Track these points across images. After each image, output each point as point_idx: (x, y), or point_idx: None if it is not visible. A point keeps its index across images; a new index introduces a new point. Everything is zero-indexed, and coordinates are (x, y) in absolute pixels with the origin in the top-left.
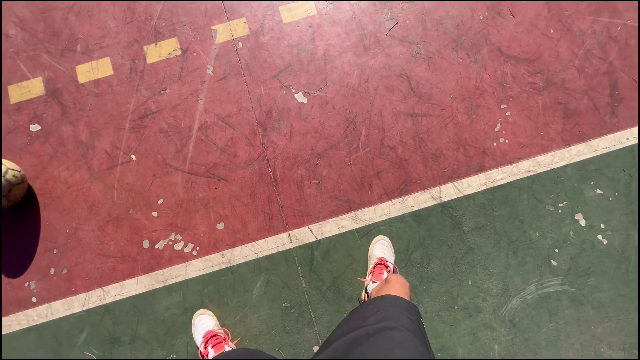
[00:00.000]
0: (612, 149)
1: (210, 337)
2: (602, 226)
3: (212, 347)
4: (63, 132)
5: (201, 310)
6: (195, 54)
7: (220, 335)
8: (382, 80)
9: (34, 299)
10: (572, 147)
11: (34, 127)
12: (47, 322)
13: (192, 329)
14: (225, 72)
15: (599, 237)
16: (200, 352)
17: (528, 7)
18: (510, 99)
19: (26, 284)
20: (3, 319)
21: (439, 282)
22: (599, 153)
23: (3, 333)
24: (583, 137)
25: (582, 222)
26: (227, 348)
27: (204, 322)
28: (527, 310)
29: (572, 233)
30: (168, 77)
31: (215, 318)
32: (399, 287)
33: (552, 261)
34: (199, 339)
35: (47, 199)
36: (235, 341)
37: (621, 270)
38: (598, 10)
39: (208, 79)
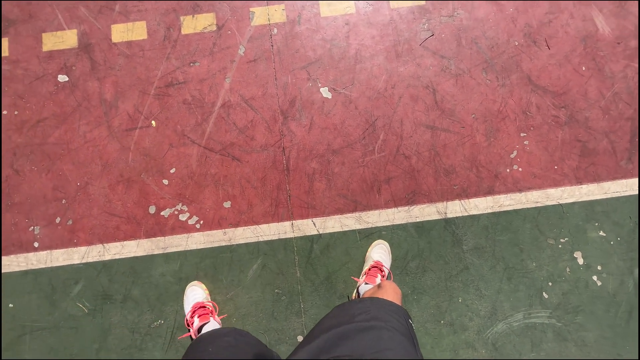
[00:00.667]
0: (623, 194)
1: (198, 308)
2: (599, 268)
3: (198, 317)
4: (89, 87)
5: (194, 282)
6: (229, 32)
7: (208, 308)
8: (408, 88)
9: (36, 244)
10: (584, 186)
11: (62, 78)
12: (45, 269)
13: (184, 298)
14: (256, 55)
15: (594, 277)
16: (187, 320)
17: (565, 41)
18: (531, 128)
19: (31, 228)
20: (3, 258)
21: (430, 294)
22: (608, 196)
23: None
24: (596, 178)
25: (580, 261)
26: (212, 320)
27: (195, 293)
28: (511, 336)
29: (568, 269)
30: (200, 50)
31: (207, 292)
32: (391, 293)
33: (544, 293)
34: (187, 308)
35: (63, 149)
36: (222, 317)
37: (610, 313)
38: (633, 55)
39: (238, 59)
